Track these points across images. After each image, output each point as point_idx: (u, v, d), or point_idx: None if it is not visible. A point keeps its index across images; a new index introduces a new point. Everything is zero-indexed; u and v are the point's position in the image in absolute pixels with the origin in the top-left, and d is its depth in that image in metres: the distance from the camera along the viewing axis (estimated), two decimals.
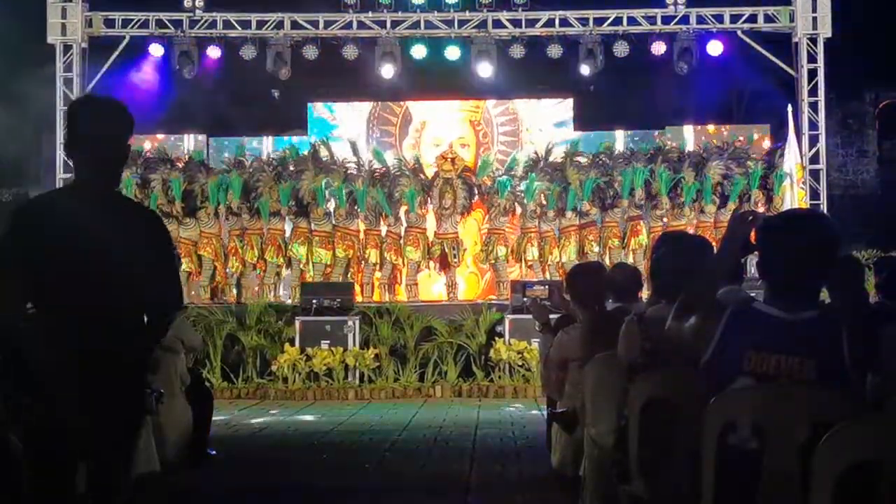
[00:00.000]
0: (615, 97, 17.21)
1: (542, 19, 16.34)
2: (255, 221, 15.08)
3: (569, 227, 15.02)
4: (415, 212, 14.91)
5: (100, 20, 16.23)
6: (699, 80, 16.20)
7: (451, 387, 12.75)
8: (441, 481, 7.34)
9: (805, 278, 3.25)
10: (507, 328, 12.94)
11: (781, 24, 16.06)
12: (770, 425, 3.06)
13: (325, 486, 7.21)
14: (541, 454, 7.85)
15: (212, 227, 15.13)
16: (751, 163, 15.14)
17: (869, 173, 18.47)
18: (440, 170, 15.20)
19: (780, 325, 3.20)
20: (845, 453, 2.80)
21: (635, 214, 15.06)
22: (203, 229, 15.15)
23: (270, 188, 15.00)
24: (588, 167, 15.06)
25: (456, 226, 15.16)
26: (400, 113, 17.95)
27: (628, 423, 4.10)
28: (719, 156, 15.14)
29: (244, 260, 15.10)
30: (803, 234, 3.25)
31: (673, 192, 15.04)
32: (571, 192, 14.89)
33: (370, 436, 9.62)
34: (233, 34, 16.40)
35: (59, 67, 16.01)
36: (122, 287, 3.65)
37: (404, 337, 13.19)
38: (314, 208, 14.93)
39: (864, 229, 15.96)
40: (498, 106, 17.95)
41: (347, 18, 16.29)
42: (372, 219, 15.04)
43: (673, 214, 15.01)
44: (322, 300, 13.15)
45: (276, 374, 12.77)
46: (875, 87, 18.37)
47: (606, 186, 15.07)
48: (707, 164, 14.99)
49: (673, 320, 3.47)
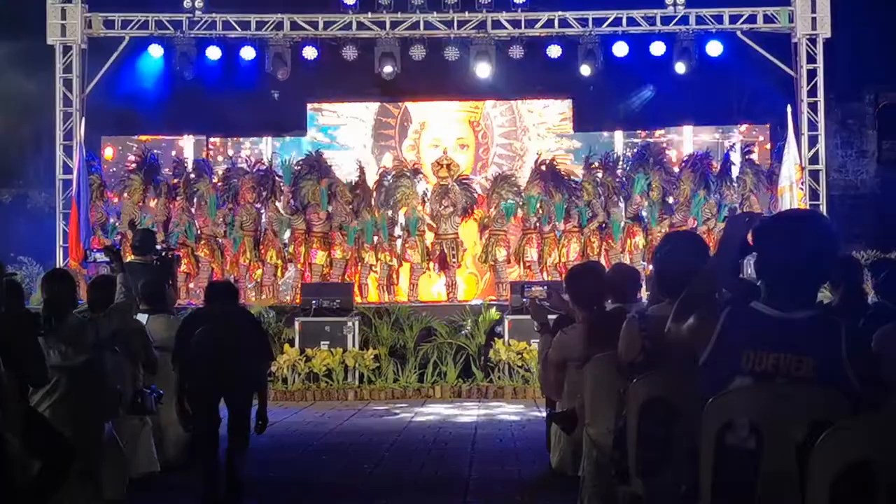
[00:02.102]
0: (614, 98, 17.21)
1: (542, 20, 16.33)
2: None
3: (571, 230, 15.03)
4: (415, 217, 14.94)
5: (99, 21, 16.22)
6: (699, 81, 16.21)
7: (450, 387, 12.75)
8: (441, 481, 7.35)
9: (803, 278, 3.25)
10: (507, 329, 12.94)
11: (781, 25, 16.06)
12: (768, 425, 3.06)
13: (324, 487, 7.22)
14: (540, 454, 7.87)
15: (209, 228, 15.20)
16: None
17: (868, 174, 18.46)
18: (437, 176, 15.26)
19: (778, 324, 3.20)
20: (842, 453, 2.81)
21: (632, 215, 15.12)
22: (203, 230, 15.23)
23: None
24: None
25: (456, 227, 15.17)
26: (399, 114, 17.95)
27: (627, 423, 4.10)
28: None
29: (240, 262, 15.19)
30: (801, 235, 3.25)
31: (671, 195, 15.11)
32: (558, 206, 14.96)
33: (370, 436, 9.63)
34: (232, 35, 16.40)
35: (58, 68, 15.99)
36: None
37: (404, 338, 13.19)
38: (315, 210, 14.96)
39: (863, 230, 15.96)
40: (497, 107, 17.95)
41: (347, 19, 16.29)
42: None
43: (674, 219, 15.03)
44: (322, 301, 13.16)
45: (276, 375, 12.77)
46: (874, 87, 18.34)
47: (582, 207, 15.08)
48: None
49: (673, 322, 3.48)
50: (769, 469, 3.02)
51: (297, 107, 17.73)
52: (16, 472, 4.78)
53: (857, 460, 2.80)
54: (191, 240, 15.07)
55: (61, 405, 5.95)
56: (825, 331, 3.19)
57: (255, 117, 17.22)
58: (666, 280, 4.43)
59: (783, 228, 3.33)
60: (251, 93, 16.94)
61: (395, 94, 17.53)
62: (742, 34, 16.11)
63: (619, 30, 16.24)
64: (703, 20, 16.15)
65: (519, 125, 17.86)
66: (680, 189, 15.04)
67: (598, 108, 17.27)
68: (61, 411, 5.91)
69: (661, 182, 14.94)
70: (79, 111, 15.94)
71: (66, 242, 15.47)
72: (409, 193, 14.97)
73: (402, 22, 16.27)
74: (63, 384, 5.98)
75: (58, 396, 5.97)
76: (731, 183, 15.13)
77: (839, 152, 18.28)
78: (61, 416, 5.84)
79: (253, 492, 7.00)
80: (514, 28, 16.33)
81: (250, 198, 15.07)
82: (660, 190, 14.94)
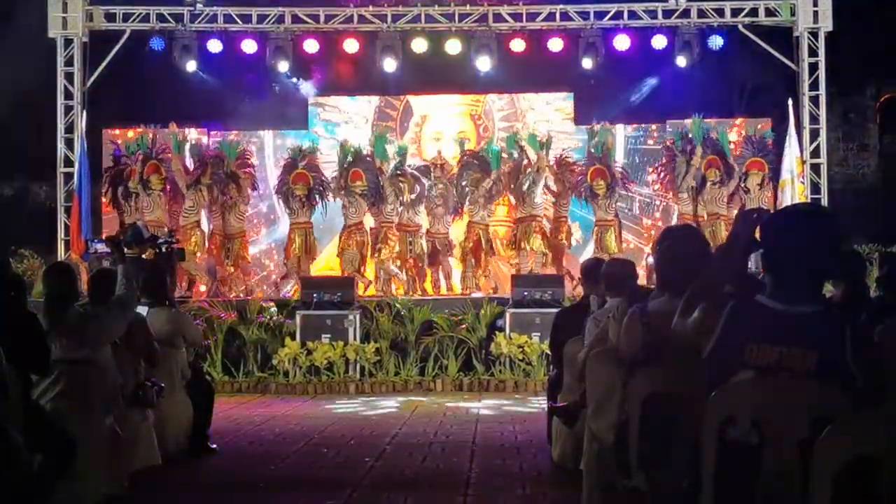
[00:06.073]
0: (616, 91, 17.19)
1: (543, 13, 16.32)
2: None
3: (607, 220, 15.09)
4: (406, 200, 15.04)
5: (100, 14, 16.20)
6: (700, 75, 16.18)
7: (451, 381, 12.76)
8: (442, 475, 7.35)
9: (808, 273, 3.24)
10: (508, 322, 12.95)
11: (782, 18, 16.03)
12: (770, 420, 3.06)
13: (325, 480, 7.22)
14: (541, 448, 7.88)
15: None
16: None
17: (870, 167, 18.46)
18: (432, 176, 15.29)
19: (782, 317, 3.20)
20: (844, 448, 2.81)
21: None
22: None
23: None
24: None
25: (448, 226, 15.32)
26: (400, 107, 17.93)
27: (629, 417, 4.10)
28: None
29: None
30: (807, 229, 3.25)
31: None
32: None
33: (371, 430, 9.63)
34: (233, 28, 16.39)
35: (59, 61, 15.98)
36: None
37: (405, 331, 13.19)
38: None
39: (864, 224, 15.94)
40: (499, 100, 17.92)
41: (348, 12, 16.27)
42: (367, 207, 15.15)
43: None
44: (323, 294, 13.15)
45: (277, 368, 12.78)
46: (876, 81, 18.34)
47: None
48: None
49: (680, 317, 3.49)
50: (771, 464, 3.02)
51: (297, 100, 17.70)
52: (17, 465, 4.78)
53: (860, 456, 2.80)
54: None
55: (63, 398, 5.96)
56: (828, 326, 3.18)
57: (256, 110, 17.19)
58: (666, 274, 4.43)
59: (790, 223, 3.33)
60: (252, 86, 16.93)
61: (395, 88, 17.50)
62: (744, 28, 16.09)
63: (621, 23, 16.23)
64: (705, 13, 16.13)
65: (520, 118, 17.82)
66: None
67: (599, 102, 17.23)
68: (63, 404, 5.91)
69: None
70: (80, 104, 15.93)
71: (67, 235, 15.48)
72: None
73: (403, 15, 16.26)
74: (64, 378, 5.98)
75: (59, 390, 5.97)
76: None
77: (840, 146, 18.29)
78: (63, 410, 5.84)
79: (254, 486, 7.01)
80: (516, 21, 16.32)
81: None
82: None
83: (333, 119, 17.77)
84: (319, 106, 17.88)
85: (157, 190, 14.97)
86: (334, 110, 17.95)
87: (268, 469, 7.62)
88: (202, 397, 8.14)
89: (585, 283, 7.49)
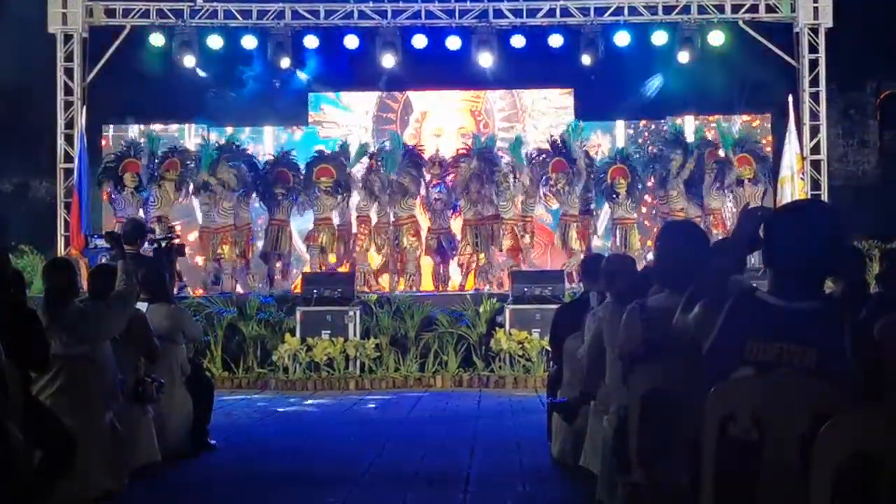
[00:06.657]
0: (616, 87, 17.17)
1: (543, 9, 16.31)
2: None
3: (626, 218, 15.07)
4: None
5: (100, 10, 16.20)
6: (700, 71, 16.17)
7: (451, 377, 12.76)
8: (441, 471, 7.35)
9: (810, 269, 3.24)
10: (508, 318, 12.94)
11: (783, 14, 16.03)
12: (770, 416, 3.06)
13: (325, 477, 7.22)
14: (541, 444, 7.87)
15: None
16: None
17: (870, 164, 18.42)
18: (429, 173, 15.29)
19: (782, 313, 3.19)
20: (845, 444, 2.81)
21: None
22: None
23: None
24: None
25: (447, 221, 15.31)
26: (401, 102, 17.92)
27: (628, 413, 4.10)
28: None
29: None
30: (809, 225, 3.24)
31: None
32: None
33: (370, 426, 9.63)
34: (233, 24, 16.38)
35: (59, 57, 15.98)
36: None
37: (405, 327, 13.19)
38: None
39: (864, 220, 15.92)
40: (499, 96, 17.91)
41: (348, 8, 16.27)
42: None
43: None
44: (323, 290, 13.15)
45: (277, 364, 12.78)
46: (876, 77, 18.29)
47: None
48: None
49: (680, 314, 3.48)
50: (771, 460, 3.02)
51: (298, 96, 17.69)
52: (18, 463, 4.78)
53: (859, 452, 2.80)
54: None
55: (62, 394, 5.96)
56: (828, 322, 3.18)
57: (256, 106, 17.18)
58: (665, 270, 4.42)
59: (792, 219, 3.32)
60: (252, 82, 16.91)
61: (396, 84, 17.49)
62: (744, 23, 16.09)
63: (621, 19, 16.23)
64: (705, 9, 16.13)
65: (520, 114, 17.82)
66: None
67: (599, 98, 17.22)
68: (62, 400, 5.91)
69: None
70: (80, 100, 15.92)
71: (67, 231, 15.47)
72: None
73: (403, 11, 16.26)
74: (64, 374, 5.98)
75: (59, 386, 5.97)
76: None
77: (840, 142, 18.24)
78: (62, 406, 5.84)
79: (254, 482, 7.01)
80: (516, 17, 16.32)
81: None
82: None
83: (333, 116, 17.76)
84: (319, 101, 17.86)
85: (170, 185, 14.90)
86: (334, 106, 17.93)
87: (267, 465, 7.63)
88: (202, 393, 8.13)
89: (585, 280, 7.49)
